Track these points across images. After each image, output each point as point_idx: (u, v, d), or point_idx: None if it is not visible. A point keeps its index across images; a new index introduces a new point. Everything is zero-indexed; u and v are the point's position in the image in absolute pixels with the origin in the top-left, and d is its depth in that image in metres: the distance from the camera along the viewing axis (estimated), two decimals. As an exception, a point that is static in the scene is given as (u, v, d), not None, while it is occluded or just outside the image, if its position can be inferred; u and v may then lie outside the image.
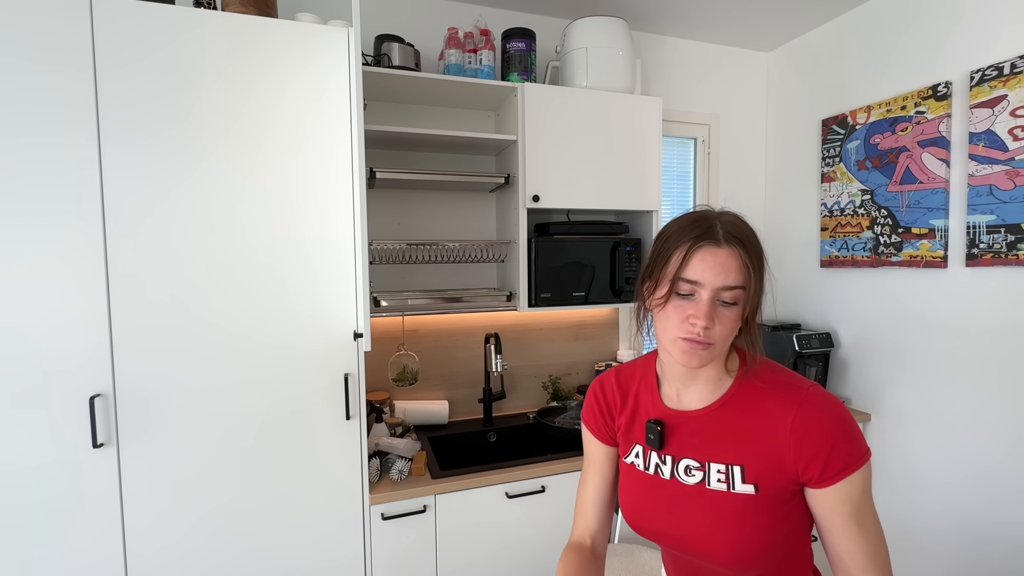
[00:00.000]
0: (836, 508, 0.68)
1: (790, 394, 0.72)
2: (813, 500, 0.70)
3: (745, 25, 2.25)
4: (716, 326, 0.68)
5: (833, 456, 0.67)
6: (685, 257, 0.68)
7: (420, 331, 1.98)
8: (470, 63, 1.82)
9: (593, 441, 0.89)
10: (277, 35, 1.26)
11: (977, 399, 1.71)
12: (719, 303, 0.69)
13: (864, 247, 2.05)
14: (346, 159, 1.33)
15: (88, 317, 1.16)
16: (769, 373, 0.75)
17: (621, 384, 0.87)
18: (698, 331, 0.68)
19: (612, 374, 0.89)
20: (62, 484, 1.17)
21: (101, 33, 1.14)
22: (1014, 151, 1.57)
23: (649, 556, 1.44)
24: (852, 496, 0.68)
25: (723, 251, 0.68)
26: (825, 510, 0.69)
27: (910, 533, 1.93)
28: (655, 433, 0.77)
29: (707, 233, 0.69)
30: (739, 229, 0.70)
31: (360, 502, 1.41)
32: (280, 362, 1.31)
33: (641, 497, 0.81)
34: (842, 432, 0.68)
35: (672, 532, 0.77)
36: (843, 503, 0.68)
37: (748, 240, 0.70)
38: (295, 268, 1.31)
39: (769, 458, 0.71)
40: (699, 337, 0.68)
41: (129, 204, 1.18)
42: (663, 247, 0.72)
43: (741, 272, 0.68)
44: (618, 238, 1.95)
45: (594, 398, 0.89)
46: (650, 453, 0.80)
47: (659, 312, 0.72)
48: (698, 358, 0.69)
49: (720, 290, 0.68)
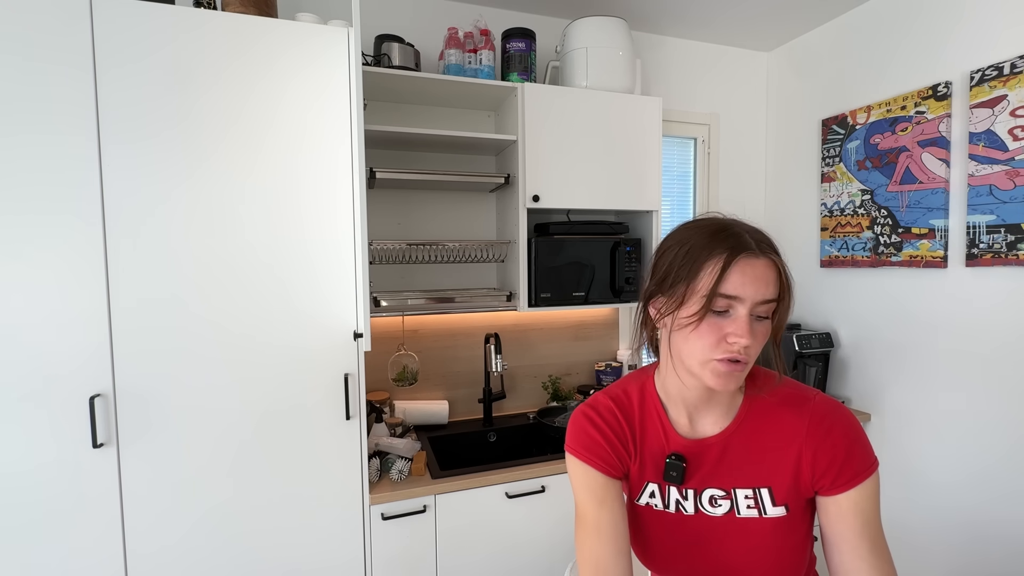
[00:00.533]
0: (847, 519, 0.65)
1: (801, 405, 0.70)
2: (824, 510, 0.67)
3: (745, 25, 2.25)
4: (754, 344, 0.63)
5: (848, 461, 0.66)
6: (724, 271, 0.61)
7: (420, 331, 1.98)
8: (470, 63, 1.82)
9: (601, 479, 0.73)
10: (277, 35, 1.26)
11: (977, 399, 1.71)
12: (754, 318, 0.63)
13: (864, 247, 2.05)
14: (346, 159, 1.33)
15: (88, 317, 1.16)
16: (772, 384, 0.73)
17: (624, 411, 0.76)
18: (738, 350, 0.62)
19: (606, 400, 0.77)
20: (62, 484, 1.17)
21: (101, 33, 1.14)
22: (1014, 151, 1.57)
23: None
24: (863, 507, 0.65)
25: (761, 262, 0.63)
26: (835, 521, 0.66)
27: (909, 533, 1.93)
28: (678, 470, 0.71)
29: (741, 244, 0.63)
30: (767, 237, 0.66)
31: (360, 502, 1.41)
32: (280, 362, 1.31)
33: (665, 539, 0.75)
34: (854, 437, 0.67)
35: (705, 569, 0.73)
36: (854, 514, 0.65)
37: (777, 249, 0.65)
38: (295, 268, 1.31)
39: (791, 473, 0.69)
40: (741, 356, 0.63)
41: (129, 204, 1.18)
42: (687, 260, 0.64)
43: (778, 283, 0.64)
44: (618, 238, 1.96)
45: (593, 428, 0.75)
46: (668, 490, 0.74)
47: (686, 332, 0.64)
48: (735, 380, 0.64)
49: (757, 304, 0.62)
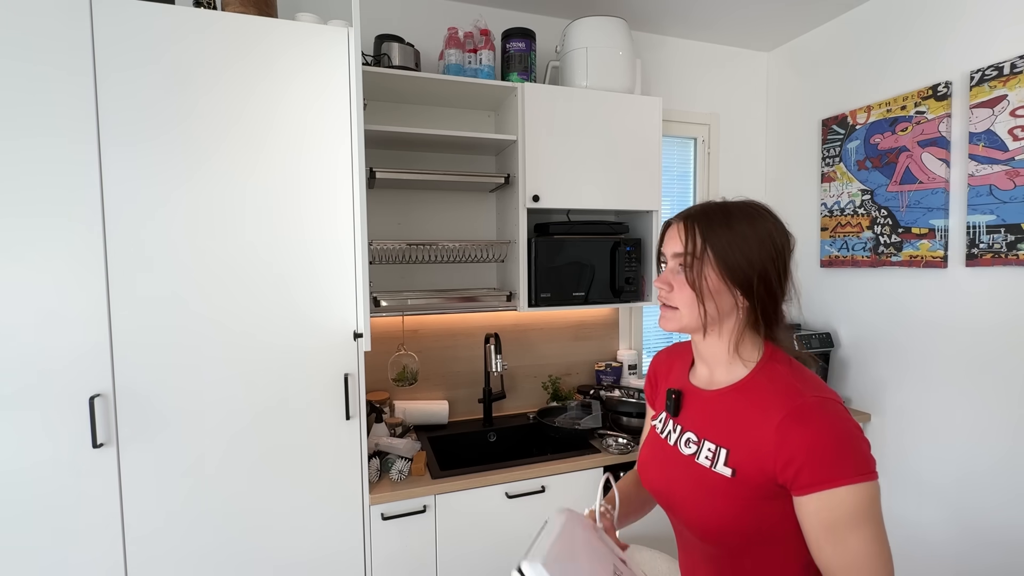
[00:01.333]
0: (809, 519, 0.69)
1: (789, 397, 0.72)
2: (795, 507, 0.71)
3: (745, 25, 2.25)
4: (675, 291, 0.79)
5: (808, 465, 0.67)
6: (661, 236, 0.84)
7: (420, 331, 1.98)
8: (470, 63, 1.82)
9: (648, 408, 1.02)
10: (277, 35, 1.26)
11: (977, 398, 1.71)
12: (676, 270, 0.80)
13: (864, 247, 2.05)
14: (346, 159, 1.33)
15: (88, 317, 1.16)
16: (786, 373, 0.76)
17: (671, 357, 0.98)
18: (661, 296, 0.82)
19: (668, 348, 1.02)
20: (62, 484, 1.17)
21: (101, 34, 1.14)
22: (1014, 151, 1.57)
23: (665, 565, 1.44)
24: (832, 513, 0.66)
25: (677, 225, 0.80)
26: (802, 518, 0.70)
27: (910, 532, 1.93)
28: (671, 401, 0.87)
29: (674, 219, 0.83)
30: (696, 209, 0.80)
31: (360, 502, 1.41)
32: (281, 361, 1.31)
33: (651, 454, 0.91)
34: (826, 445, 0.67)
35: (662, 491, 0.86)
36: (817, 516, 0.67)
37: (698, 213, 0.79)
38: (295, 268, 1.31)
39: (752, 450, 0.73)
40: (665, 300, 0.81)
41: (130, 204, 1.18)
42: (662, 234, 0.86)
43: (685, 237, 0.78)
44: (618, 238, 1.95)
45: (651, 369, 1.01)
46: (668, 419, 0.89)
47: None
48: (666, 322, 0.82)
49: (673, 257, 0.80)
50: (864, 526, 0.66)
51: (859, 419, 2.05)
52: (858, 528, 0.66)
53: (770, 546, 0.76)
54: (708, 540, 0.78)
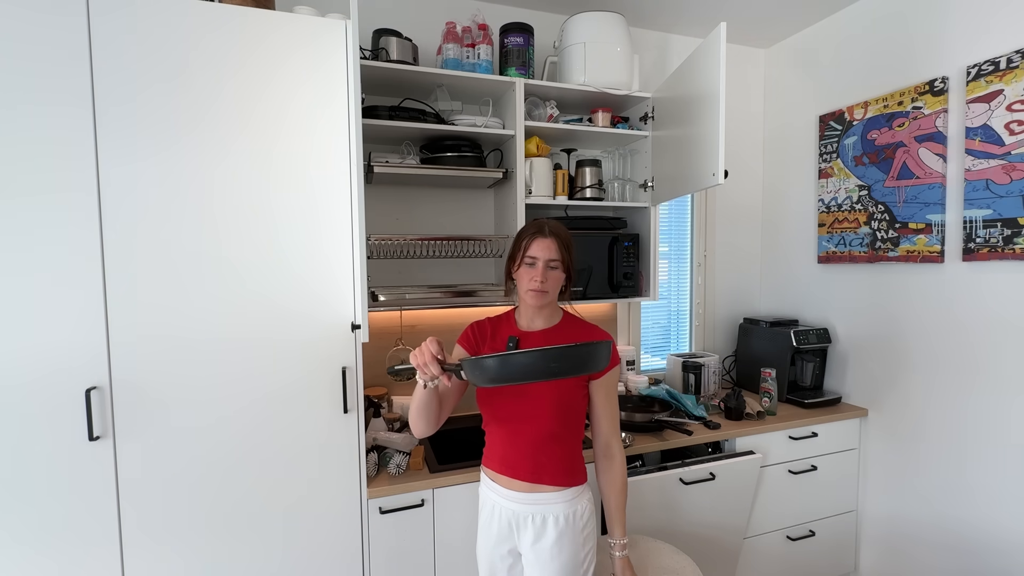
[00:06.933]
0: (600, 389, 1.23)
1: (586, 327, 1.26)
2: (592, 387, 1.23)
3: (742, 22, 2.25)
4: (548, 282, 1.18)
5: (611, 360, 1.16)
6: (529, 244, 1.19)
7: (418, 326, 1.98)
8: (468, 58, 1.81)
9: (460, 350, 1.31)
10: (278, 30, 1.25)
11: (974, 393, 1.72)
12: (548, 268, 1.18)
13: (861, 242, 2.05)
14: (344, 153, 1.33)
15: (84, 308, 1.16)
16: (576, 317, 1.30)
17: (493, 324, 1.32)
18: (537, 284, 1.17)
19: (484, 320, 1.33)
20: (58, 477, 1.16)
21: (99, 33, 1.13)
22: (1010, 145, 1.58)
23: (653, 546, 1.44)
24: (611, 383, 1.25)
25: (548, 239, 1.18)
26: (596, 389, 1.23)
27: (906, 528, 1.93)
28: (514, 342, 1.23)
29: (541, 231, 1.19)
30: (558, 228, 1.21)
31: (358, 496, 1.40)
32: (278, 354, 1.31)
33: None
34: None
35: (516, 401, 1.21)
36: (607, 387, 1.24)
37: (564, 235, 1.20)
38: (293, 260, 1.30)
39: None
40: (540, 287, 1.17)
41: (128, 200, 1.17)
42: (519, 240, 1.21)
43: (559, 251, 1.18)
44: (616, 233, 1.95)
45: (471, 330, 1.31)
46: None
47: (519, 275, 1.21)
48: (540, 299, 1.19)
49: (548, 261, 1.18)
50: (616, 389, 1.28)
51: (856, 414, 2.06)
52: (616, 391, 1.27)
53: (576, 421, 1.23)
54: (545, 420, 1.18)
